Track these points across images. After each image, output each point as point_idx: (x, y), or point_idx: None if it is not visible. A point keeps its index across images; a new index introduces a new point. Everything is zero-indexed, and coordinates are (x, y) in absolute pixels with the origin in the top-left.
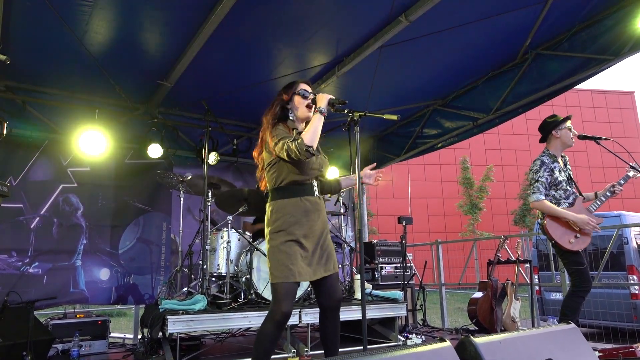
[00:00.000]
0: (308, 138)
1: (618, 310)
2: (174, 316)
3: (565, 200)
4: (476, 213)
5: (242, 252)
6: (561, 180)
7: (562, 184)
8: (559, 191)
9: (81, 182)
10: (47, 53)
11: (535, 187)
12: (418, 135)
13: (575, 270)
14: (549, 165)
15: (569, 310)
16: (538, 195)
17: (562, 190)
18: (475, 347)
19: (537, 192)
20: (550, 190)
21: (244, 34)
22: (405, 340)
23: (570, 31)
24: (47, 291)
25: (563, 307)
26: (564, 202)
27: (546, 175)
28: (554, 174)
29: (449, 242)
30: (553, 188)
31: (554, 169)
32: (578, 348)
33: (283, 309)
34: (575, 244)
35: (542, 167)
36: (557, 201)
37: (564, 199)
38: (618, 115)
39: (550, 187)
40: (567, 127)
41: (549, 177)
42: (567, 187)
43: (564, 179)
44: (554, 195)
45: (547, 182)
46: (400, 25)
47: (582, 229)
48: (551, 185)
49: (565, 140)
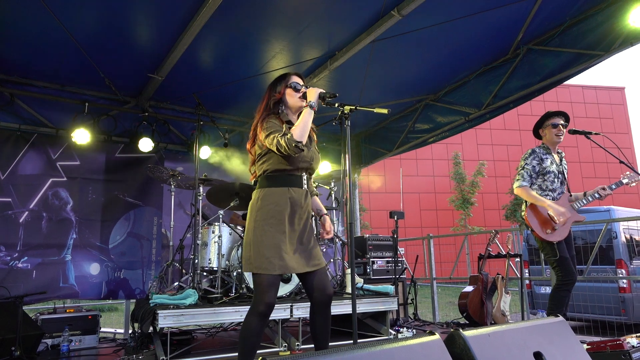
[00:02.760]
0: (297, 133)
1: (606, 304)
2: (164, 311)
3: (552, 192)
4: (468, 208)
5: (233, 246)
6: (550, 171)
7: (550, 175)
8: (545, 182)
9: (71, 176)
10: (35, 45)
11: (520, 174)
12: (410, 129)
13: (555, 262)
14: (540, 154)
15: (555, 303)
16: (522, 182)
17: (549, 182)
18: (465, 340)
19: (522, 179)
20: (538, 179)
21: (235, 28)
22: (396, 334)
23: (562, 26)
24: (37, 286)
25: (550, 301)
26: (549, 193)
27: (534, 164)
28: (543, 163)
29: (440, 237)
30: (540, 177)
31: (545, 159)
32: (566, 341)
33: (266, 300)
34: (552, 235)
35: (532, 155)
36: (542, 191)
37: (550, 190)
38: (608, 110)
39: (538, 175)
40: (551, 125)
41: (536, 166)
42: (554, 180)
43: (554, 171)
44: (539, 185)
45: (533, 171)
46: (393, 19)
47: (554, 218)
48: (539, 173)
49: (549, 138)
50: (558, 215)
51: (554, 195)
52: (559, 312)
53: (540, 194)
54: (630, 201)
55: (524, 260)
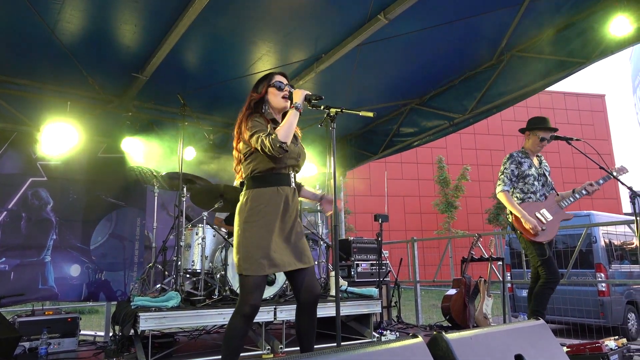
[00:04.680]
0: (282, 134)
1: (586, 307)
2: (146, 313)
3: (533, 194)
4: (452, 211)
5: (217, 248)
6: (530, 175)
7: (529, 178)
8: (526, 185)
9: (51, 176)
10: (16, 42)
11: (501, 179)
12: (395, 133)
13: (540, 261)
14: (517, 158)
15: (538, 302)
16: (503, 186)
17: (530, 185)
18: (447, 342)
19: (502, 184)
20: (519, 183)
21: (221, 28)
22: (380, 336)
23: (544, 34)
24: (15, 287)
25: (533, 300)
26: (531, 195)
27: (512, 168)
28: (521, 167)
29: (424, 240)
30: (521, 181)
31: (523, 163)
32: (547, 343)
33: (251, 302)
34: (540, 236)
35: (510, 159)
36: (524, 194)
37: (532, 193)
38: (589, 117)
39: (518, 179)
40: (538, 137)
41: (515, 170)
42: (534, 183)
43: (534, 174)
44: (521, 189)
45: (512, 174)
46: (379, 23)
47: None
48: (518, 177)
49: (530, 145)
50: (530, 226)
51: (535, 197)
52: (542, 311)
53: (522, 197)
54: (610, 206)
55: (506, 264)
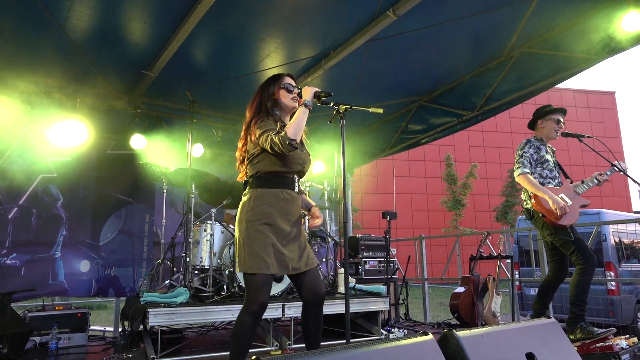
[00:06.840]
0: (292, 131)
1: (595, 306)
2: (155, 309)
3: (552, 180)
4: (459, 209)
5: (225, 245)
6: (548, 160)
7: (547, 164)
8: (545, 170)
9: (61, 172)
10: (27, 39)
11: (520, 162)
12: (403, 130)
13: (572, 245)
14: (535, 143)
15: (579, 290)
16: (523, 169)
17: (548, 170)
18: (458, 340)
19: (522, 166)
20: (537, 168)
21: (230, 25)
22: (388, 334)
23: (555, 30)
24: (25, 283)
25: (572, 289)
26: (550, 181)
27: (531, 152)
28: (540, 152)
29: (432, 238)
30: (540, 166)
31: (541, 148)
32: (558, 342)
33: (259, 299)
34: (564, 219)
35: (528, 144)
36: (543, 179)
37: (550, 178)
38: (599, 114)
39: (537, 164)
40: (554, 119)
41: (534, 154)
42: (552, 168)
43: (551, 160)
44: (540, 173)
45: (532, 158)
46: (388, 19)
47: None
48: (537, 162)
49: (547, 132)
50: (556, 204)
51: (554, 183)
52: (585, 300)
53: (541, 182)
54: (620, 204)
55: (515, 262)
